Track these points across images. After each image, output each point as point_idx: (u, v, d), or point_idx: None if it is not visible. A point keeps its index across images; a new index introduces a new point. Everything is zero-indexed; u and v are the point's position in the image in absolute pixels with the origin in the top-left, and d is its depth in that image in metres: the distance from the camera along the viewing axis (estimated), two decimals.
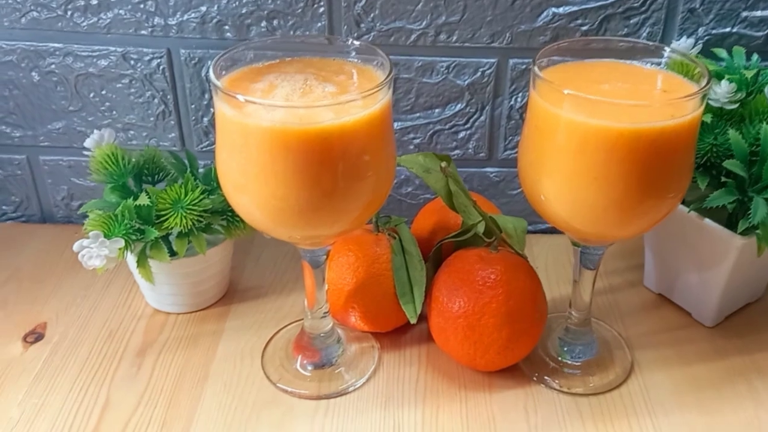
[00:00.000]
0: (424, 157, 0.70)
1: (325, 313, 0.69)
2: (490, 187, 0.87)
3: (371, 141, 0.55)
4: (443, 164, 0.66)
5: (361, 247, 0.70)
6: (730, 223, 0.68)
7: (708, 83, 0.55)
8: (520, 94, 0.81)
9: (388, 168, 0.59)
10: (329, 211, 0.56)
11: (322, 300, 0.68)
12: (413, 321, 0.68)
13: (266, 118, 0.51)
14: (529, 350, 0.68)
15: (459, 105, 0.81)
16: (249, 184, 0.54)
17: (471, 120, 0.82)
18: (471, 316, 0.65)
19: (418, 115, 0.82)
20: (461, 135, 0.83)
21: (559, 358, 0.71)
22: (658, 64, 0.61)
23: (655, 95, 0.57)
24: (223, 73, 0.57)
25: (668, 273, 0.77)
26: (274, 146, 0.52)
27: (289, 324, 0.75)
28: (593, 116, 0.53)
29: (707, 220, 0.69)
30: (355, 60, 0.60)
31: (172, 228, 0.67)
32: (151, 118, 0.82)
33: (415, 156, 0.70)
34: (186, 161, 0.73)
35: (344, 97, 0.54)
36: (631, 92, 0.57)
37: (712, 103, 0.66)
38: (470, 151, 0.84)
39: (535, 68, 0.57)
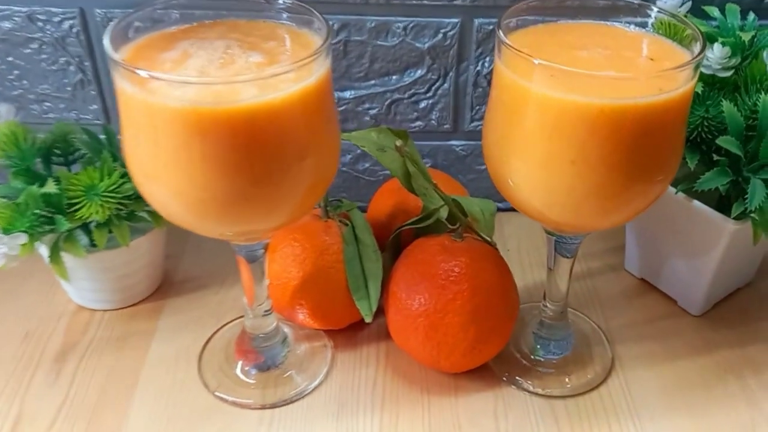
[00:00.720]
0: (378, 133, 0.62)
1: (267, 310, 0.60)
2: (456, 162, 0.78)
3: (307, 119, 0.46)
4: (398, 143, 0.58)
5: (308, 236, 0.62)
6: (722, 205, 0.60)
7: (702, 50, 0.47)
8: (487, 59, 0.72)
9: (331, 148, 0.50)
10: (261, 201, 0.47)
11: (263, 296, 0.59)
12: (368, 320, 0.60)
13: (174, 96, 0.42)
14: (499, 349, 0.61)
15: (419, 71, 0.72)
16: (161, 172, 0.45)
17: (433, 88, 0.73)
18: (433, 314, 0.57)
19: (373, 82, 0.73)
20: (422, 105, 0.74)
21: (533, 356, 0.64)
22: (643, 25, 0.52)
23: (641, 65, 0.48)
24: (127, 39, 0.48)
25: (652, 257, 0.70)
26: (187, 130, 0.43)
27: (231, 321, 0.67)
28: (570, 91, 0.44)
29: (696, 203, 0.61)
30: (289, 23, 0.51)
31: (86, 218, 0.58)
32: (68, 88, 0.72)
33: (367, 132, 0.61)
34: (104, 138, 0.63)
35: (270, 70, 0.45)
36: (612, 60, 0.48)
37: (703, 70, 0.58)
38: (433, 122, 0.75)
39: (500, 33, 0.48)
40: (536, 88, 0.46)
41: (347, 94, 0.73)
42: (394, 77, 0.73)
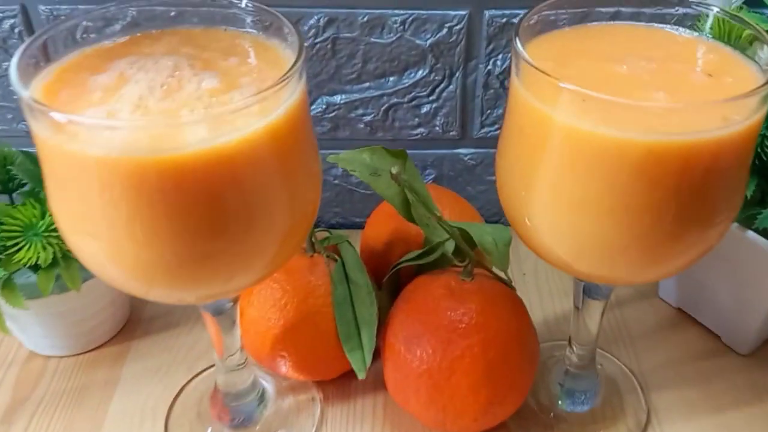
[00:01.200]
0: (371, 155, 0.52)
1: (240, 363, 0.51)
2: (464, 172, 0.69)
3: (277, 160, 0.37)
4: (394, 170, 0.48)
5: (290, 276, 0.52)
6: None
7: None
8: (500, 56, 0.62)
9: (310, 185, 0.41)
10: (223, 261, 0.38)
11: (235, 347, 0.50)
12: (361, 376, 0.51)
13: (98, 143, 0.33)
14: (516, 408, 0.52)
15: (420, 71, 0.62)
16: (92, 231, 0.36)
17: (437, 90, 0.63)
18: (437, 373, 0.48)
19: (367, 85, 0.63)
20: (425, 109, 0.64)
21: (556, 408, 0.55)
22: (694, 27, 0.42)
23: (697, 83, 0.38)
24: (49, 60, 0.38)
25: (692, 285, 0.60)
26: (118, 183, 0.33)
27: (206, 369, 0.58)
28: (606, 123, 0.35)
29: (751, 234, 0.51)
30: (255, 31, 0.41)
31: (26, 263, 0.49)
32: (15, 96, 0.62)
33: (358, 153, 0.52)
34: None
35: (222, 107, 0.35)
36: (659, 77, 0.38)
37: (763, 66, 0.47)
38: (437, 129, 0.66)
39: (517, 42, 0.38)
40: (563, 118, 0.36)
41: (338, 98, 0.63)
42: (391, 79, 0.63)
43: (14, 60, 0.35)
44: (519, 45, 0.38)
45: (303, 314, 0.52)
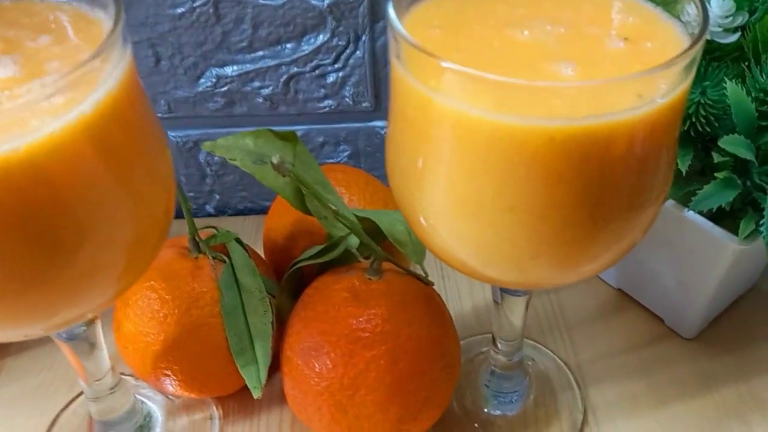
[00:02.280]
0: (255, 139, 0.44)
1: (112, 388, 0.44)
2: (383, 147, 0.62)
3: (96, 163, 0.30)
4: (276, 159, 0.41)
5: (170, 284, 0.45)
6: (722, 213, 0.44)
7: (704, 27, 0.30)
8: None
9: (153, 183, 0.34)
10: (48, 291, 0.31)
11: (102, 369, 0.43)
12: (256, 395, 0.45)
13: None
14: (434, 422, 0.46)
15: (321, 36, 0.55)
16: None
17: (342, 57, 0.56)
18: (339, 391, 0.42)
19: (261, 54, 0.55)
20: (331, 79, 0.57)
21: (484, 410, 0.49)
22: None
23: (610, 51, 0.31)
24: None
25: (633, 266, 0.54)
26: None
27: None
28: (500, 108, 0.28)
29: (691, 214, 0.45)
30: (76, 2, 0.33)
31: None
32: None
33: (239, 138, 0.44)
34: None
35: (12, 102, 0.27)
36: (568, 45, 0.32)
37: (690, 29, 0.40)
38: (347, 100, 0.58)
39: (390, 7, 0.31)
40: (449, 103, 0.29)
41: (228, 70, 0.56)
42: (288, 46, 0.55)
43: None
44: (393, 14, 0.31)
45: (186, 327, 0.45)
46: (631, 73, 0.28)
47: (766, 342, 0.54)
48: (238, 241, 0.47)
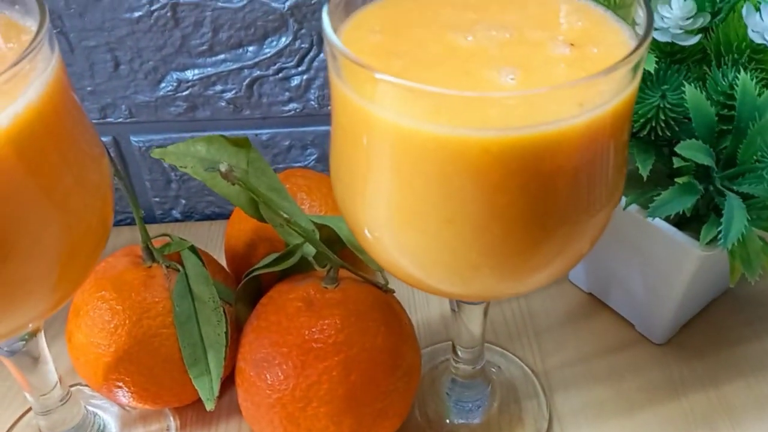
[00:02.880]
0: (208, 146, 0.44)
1: (61, 400, 0.43)
2: None
3: (20, 175, 0.29)
4: (224, 167, 0.40)
5: (121, 294, 0.44)
6: (687, 218, 0.44)
7: (648, 33, 0.29)
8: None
9: (85, 192, 0.33)
10: None
11: (50, 383, 0.42)
12: (209, 407, 0.44)
13: None
14: (394, 430, 0.45)
15: (283, 38, 0.54)
16: None
17: (306, 59, 0.55)
18: (291, 403, 0.41)
19: (222, 57, 0.54)
20: (295, 82, 0.56)
21: (445, 419, 0.48)
22: None
23: (556, 57, 0.30)
24: None
25: (602, 269, 0.53)
26: None
27: None
28: (433, 118, 0.27)
29: (655, 219, 0.44)
30: (6, 11, 0.32)
31: None
32: None
33: (189, 144, 0.43)
34: None
35: None
36: (510, 50, 0.31)
37: (657, 36, 0.39)
38: (312, 103, 0.57)
39: (324, 12, 0.30)
40: (382, 113, 0.28)
41: (189, 74, 0.55)
42: (250, 49, 0.54)
43: None
44: (325, 17, 0.30)
45: (138, 338, 0.44)
46: (570, 80, 0.27)
47: (738, 347, 0.53)
48: (192, 249, 0.46)
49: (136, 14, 0.51)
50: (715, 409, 0.49)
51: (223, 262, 0.52)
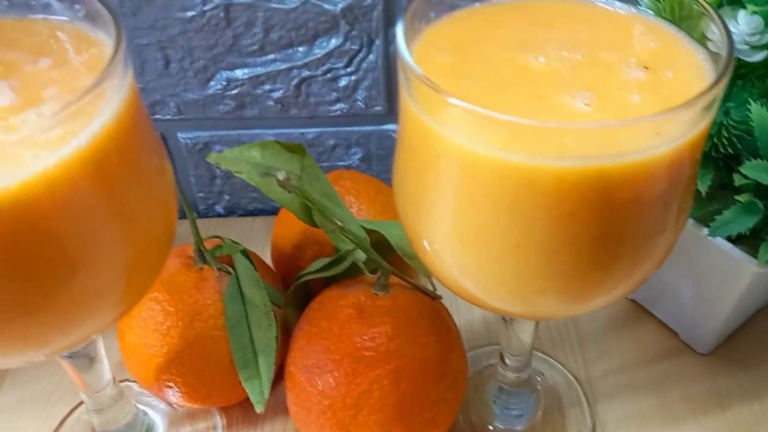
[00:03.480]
0: (262, 151, 0.44)
1: (113, 398, 0.44)
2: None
3: (95, 194, 0.29)
4: (281, 175, 0.40)
5: (174, 295, 0.45)
6: (742, 235, 0.43)
7: (729, 56, 0.29)
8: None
9: (152, 203, 0.33)
10: (47, 320, 0.30)
11: (103, 381, 0.43)
12: (259, 410, 0.44)
13: None
14: None
15: (334, 40, 0.54)
16: None
17: (355, 60, 0.55)
18: (342, 410, 0.41)
19: (272, 57, 0.54)
20: (343, 83, 0.56)
21: (489, 426, 0.48)
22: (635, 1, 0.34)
23: (631, 81, 0.30)
24: None
25: (650, 279, 0.53)
26: None
27: None
28: (509, 146, 0.27)
29: (708, 236, 0.43)
30: (77, 21, 0.32)
31: None
32: None
33: (244, 150, 0.43)
34: None
35: (7, 135, 0.26)
36: (584, 72, 0.30)
37: (713, 47, 0.39)
38: (360, 104, 0.57)
39: (399, 31, 0.30)
40: (455, 138, 0.28)
41: (239, 73, 0.55)
42: (300, 49, 0.54)
43: None
44: (401, 38, 0.30)
45: (190, 340, 0.44)
46: (648, 114, 0.27)
47: None
48: (244, 253, 0.47)
49: (189, 14, 0.51)
50: (759, 421, 0.49)
51: (267, 259, 0.53)
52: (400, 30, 0.30)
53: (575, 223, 0.28)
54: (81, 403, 0.50)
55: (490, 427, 0.48)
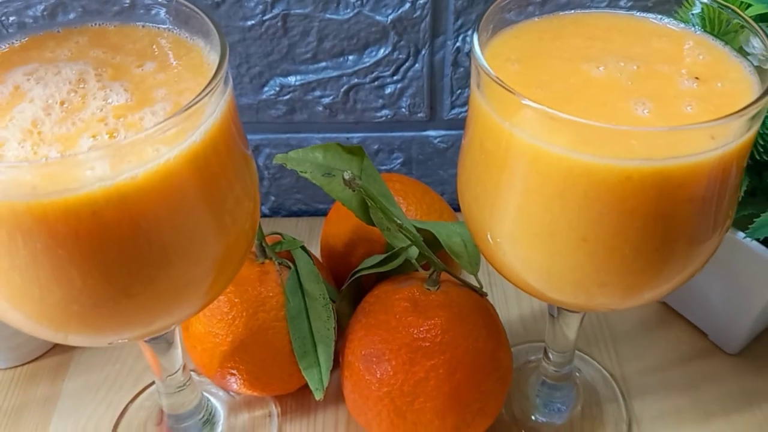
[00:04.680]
0: (324, 153, 0.47)
1: (183, 384, 0.47)
2: (435, 155, 0.63)
3: (198, 189, 0.32)
4: (347, 175, 0.43)
5: (239, 287, 0.48)
6: None
7: None
8: (469, 32, 0.56)
9: (242, 203, 0.36)
10: (142, 303, 0.33)
11: (174, 368, 0.45)
12: (318, 397, 0.47)
13: None
14: (487, 427, 0.48)
15: (383, 49, 0.56)
16: None
17: (401, 69, 0.58)
18: (399, 398, 0.44)
19: (324, 65, 0.57)
20: (389, 90, 0.59)
21: (531, 419, 0.51)
22: (677, 15, 0.37)
23: (682, 90, 0.33)
24: None
25: None
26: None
27: (154, 383, 0.54)
28: (579, 146, 0.30)
29: (744, 238, 0.46)
30: (175, 28, 0.35)
31: None
32: None
33: (308, 151, 0.46)
34: None
35: (125, 139, 0.29)
36: (642, 83, 0.33)
37: (757, 63, 0.42)
38: (404, 110, 0.60)
39: (475, 40, 0.33)
40: (528, 138, 0.31)
41: (292, 79, 0.58)
42: (350, 58, 0.57)
43: None
44: (477, 47, 0.32)
45: (253, 330, 0.47)
46: (707, 120, 0.30)
47: None
48: (304, 249, 0.49)
49: (249, 23, 0.54)
50: None
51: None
52: (475, 40, 0.33)
53: (637, 219, 0.31)
54: (142, 390, 0.53)
55: (532, 419, 0.51)
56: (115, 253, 0.30)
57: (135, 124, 0.30)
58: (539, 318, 0.58)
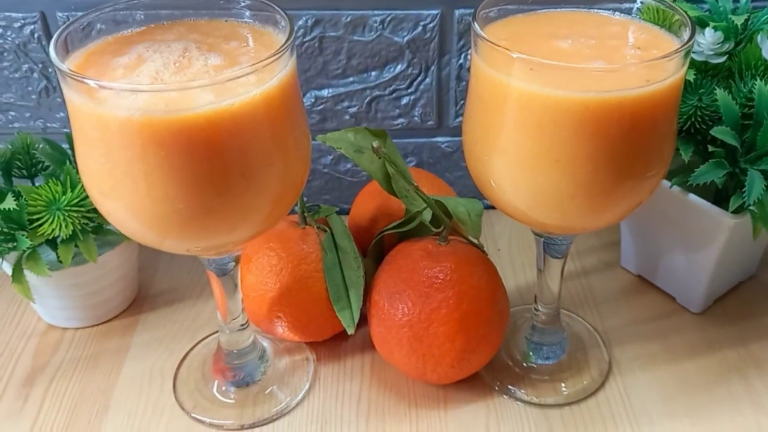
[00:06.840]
0: (355, 134, 0.58)
1: (242, 325, 0.57)
2: (442, 159, 0.75)
3: (271, 125, 0.43)
4: (375, 143, 0.54)
5: (285, 245, 0.58)
6: (719, 198, 0.57)
7: (691, 37, 0.43)
8: (470, 51, 0.69)
9: (299, 154, 0.47)
10: (225, 214, 0.44)
11: (237, 310, 0.56)
12: (350, 332, 0.57)
13: (124, 105, 0.39)
14: (489, 357, 0.58)
15: (399, 66, 0.69)
16: (116, 187, 0.42)
17: (414, 83, 0.70)
18: (417, 324, 0.54)
19: (351, 79, 0.69)
20: (404, 101, 0.71)
21: (526, 363, 0.61)
22: (629, 11, 0.49)
23: (627, 55, 0.45)
24: (78, 45, 0.44)
25: (649, 253, 0.66)
26: (139, 141, 0.40)
27: (208, 336, 0.64)
28: (551, 85, 0.41)
29: (692, 197, 0.58)
30: (252, 21, 0.48)
31: (49, 234, 0.55)
32: (33, 96, 0.68)
33: (343, 133, 0.58)
34: (68, 148, 0.60)
35: (227, 73, 0.41)
36: (597, 50, 0.45)
37: (695, 56, 0.54)
38: (416, 119, 0.72)
39: (476, 25, 0.45)
40: (515, 83, 0.42)
41: (325, 92, 0.70)
42: (373, 73, 0.69)
43: (52, 43, 0.41)
44: (477, 27, 0.45)
45: (297, 278, 0.58)
46: (641, 61, 0.41)
47: (763, 316, 0.65)
48: (337, 214, 0.61)
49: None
50: (744, 360, 0.61)
51: None
52: (475, 22, 0.45)
53: (596, 140, 0.42)
54: (198, 341, 0.63)
55: (529, 356, 0.61)
56: (213, 166, 0.41)
57: (233, 74, 0.42)
58: (533, 287, 0.68)
